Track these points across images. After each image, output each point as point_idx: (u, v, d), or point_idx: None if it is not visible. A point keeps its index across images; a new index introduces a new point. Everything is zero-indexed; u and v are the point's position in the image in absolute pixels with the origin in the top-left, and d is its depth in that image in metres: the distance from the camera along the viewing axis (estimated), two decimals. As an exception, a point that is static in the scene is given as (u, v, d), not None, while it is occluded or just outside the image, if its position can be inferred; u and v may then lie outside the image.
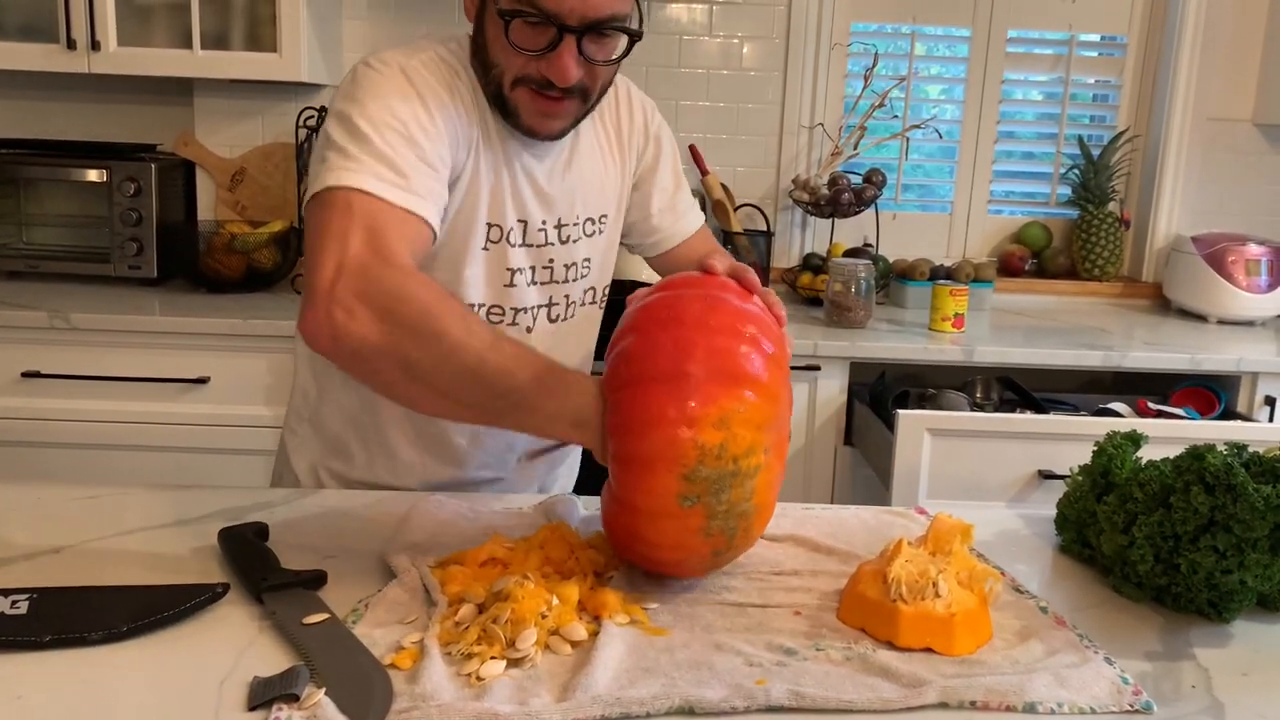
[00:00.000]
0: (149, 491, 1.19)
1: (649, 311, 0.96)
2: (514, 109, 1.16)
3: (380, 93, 1.10)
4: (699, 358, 0.91)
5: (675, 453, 0.88)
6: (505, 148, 1.21)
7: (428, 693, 0.78)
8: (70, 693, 0.79)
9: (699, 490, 0.89)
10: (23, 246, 2.59)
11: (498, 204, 1.21)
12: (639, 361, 0.92)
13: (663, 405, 0.89)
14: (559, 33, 1.09)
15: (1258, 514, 0.92)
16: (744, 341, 0.93)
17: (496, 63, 1.15)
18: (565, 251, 1.29)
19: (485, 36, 1.15)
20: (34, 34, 2.44)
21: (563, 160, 1.27)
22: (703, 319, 0.94)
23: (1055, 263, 2.98)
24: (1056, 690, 0.81)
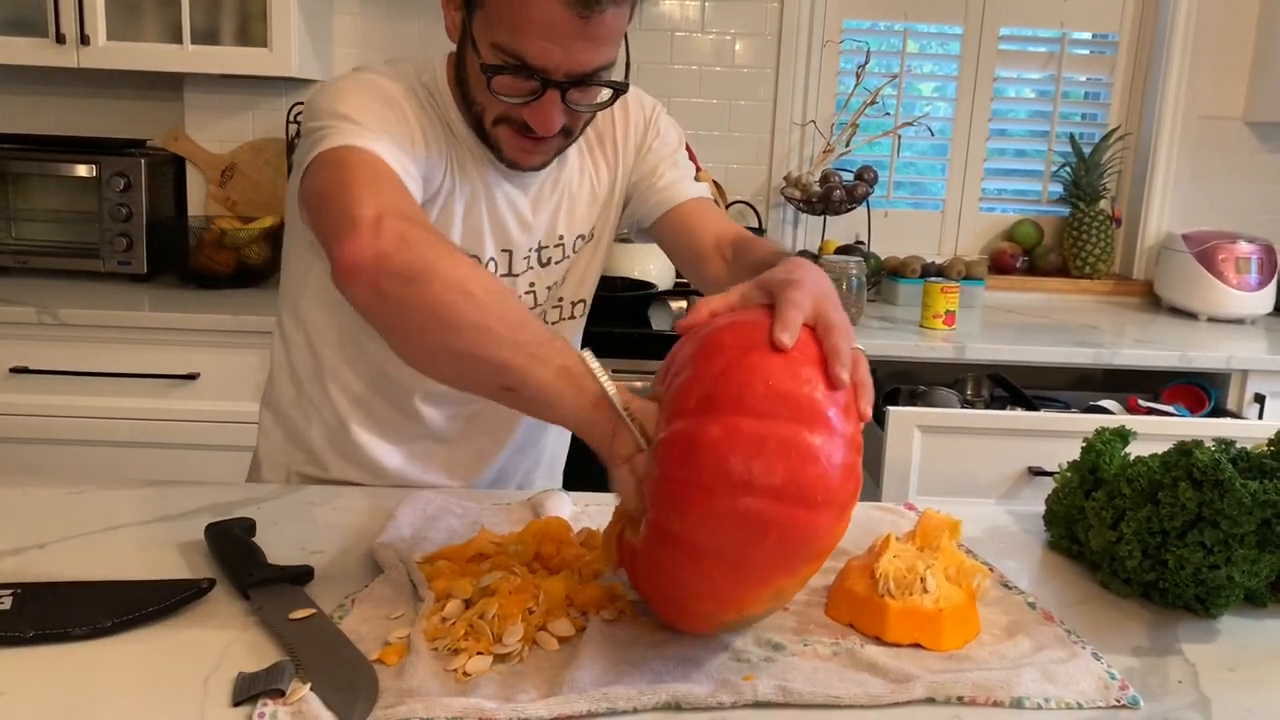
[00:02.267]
0: (136, 487, 1.19)
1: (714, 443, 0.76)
2: (495, 143, 1.14)
3: (361, 98, 1.08)
4: (767, 541, 0.76)
5: (719, 618, 0.82)
6: (485, 177, 1.19)
7: (414, 688, 0.78)
8: (54, 689, 0.78)
9: (733, 628, 0.87)
10: (11, 242, 2.57)
11: (475, 238, 1.19)
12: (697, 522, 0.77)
13: (717, 586, 0.78)
14: (543, 85, 1.06)
15: (1245, 510, 0.92)
16: (820, 506, 0.76)
17: (477, 100, 1.12)
18: (545, 274, 1.27)
19: (466, 73, 1.12)
20: (23, 28, 2.42)
21: (547, 184, 1.24)
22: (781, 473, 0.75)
23: (1046, 260, 2.98)
24: (1044, 685, 0.81)
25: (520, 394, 0.88)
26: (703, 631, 0.87)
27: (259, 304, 2.37)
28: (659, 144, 1.33)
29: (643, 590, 0.88)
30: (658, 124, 1.34)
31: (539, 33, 1.02)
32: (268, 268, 2.57)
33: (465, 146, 1.18)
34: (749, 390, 0.77)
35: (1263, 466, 0.98)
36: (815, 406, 0.77)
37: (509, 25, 1.03)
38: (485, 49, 1.06)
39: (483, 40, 1.06)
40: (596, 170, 1.30)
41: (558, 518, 1.06)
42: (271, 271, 2.60)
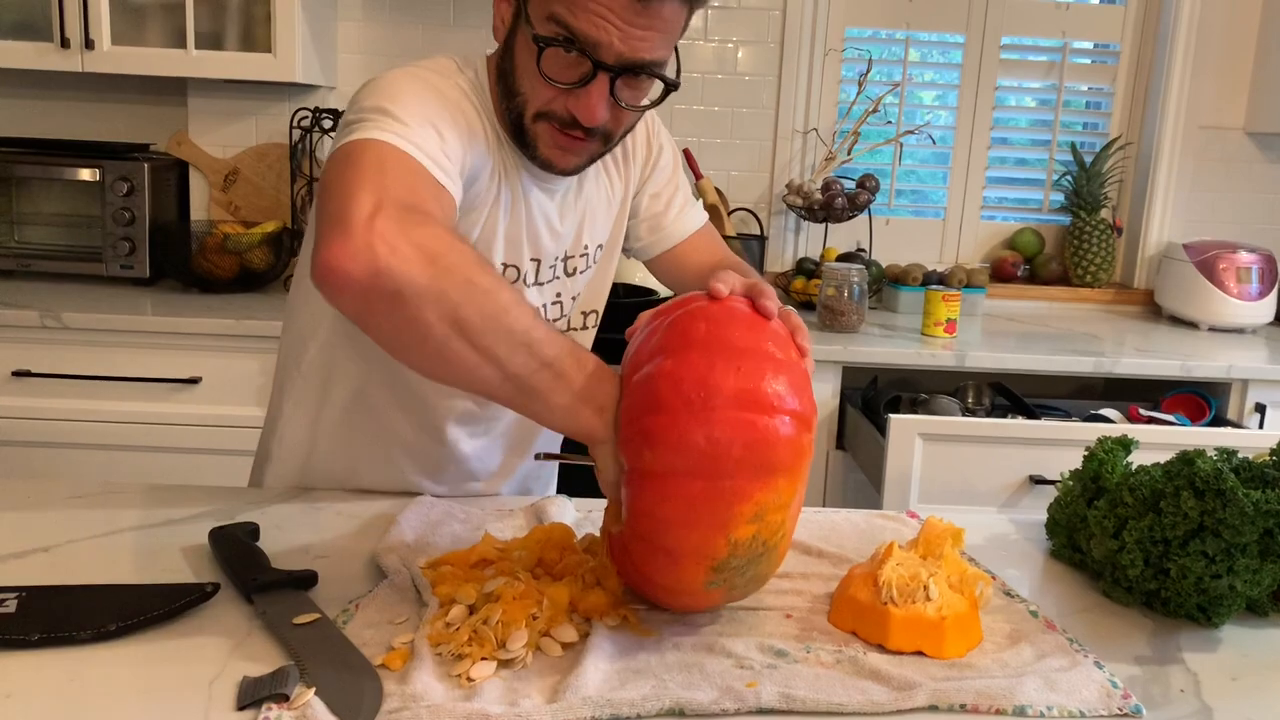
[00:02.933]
0: (139, 491, 1.19)
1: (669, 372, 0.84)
2: (532, 140, 1.11)
3: (405, 90, 1.03)
4: (733, 447, 0.81)
5: (708, 552, 0.83)
6: (519, 183, 1.16)
7: (418, 693, 0.78)
8: (59, 692, 0.78)
9: (726, 575, 0.86)
10: (15, 245, 2.58)
11: (514, 245, 1.18)
12: (665, 447, 0.82)
13: (696, 509, 0.81)
14: (594, 69, 1.03)
15: (1247, 519, 0.92)
16: (775, 411, 0.82)
17: (521, 91, 1.09)
18: (570, 284, 1.27)
19: (513, 61, 1.09)
20: (28, 32, 2.43)
21: (571, 193, 1.23)
22: (733, 383, 0.82)
23: (1047, 269, 2.99)
24: (1046, 694, 0.81)
25: (512, 405, 0.92)
26: (699, 586, 0.85)
27: (261, 308, 2.37)
28: (664, 161, 1.34)
29: (632, 567, 0.89)
30: (659, 137, 1.34)
31: (598, 13, 1.01)
32: (270, 272, 2.57)
33: (507, 149, 1.15)
34: (693, 330, 0.87)
35: (1264, 476, 0.98)
36: (754, 335, 0.87)
37: (567, 2, 1.01)
38: (539, 22, 1.04)
39: (538, 13, 1.04)
40: (610, 179, 1.29)
41: (561, 524, 1.06)
42: (273, 276, 2.60)
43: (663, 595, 0.90)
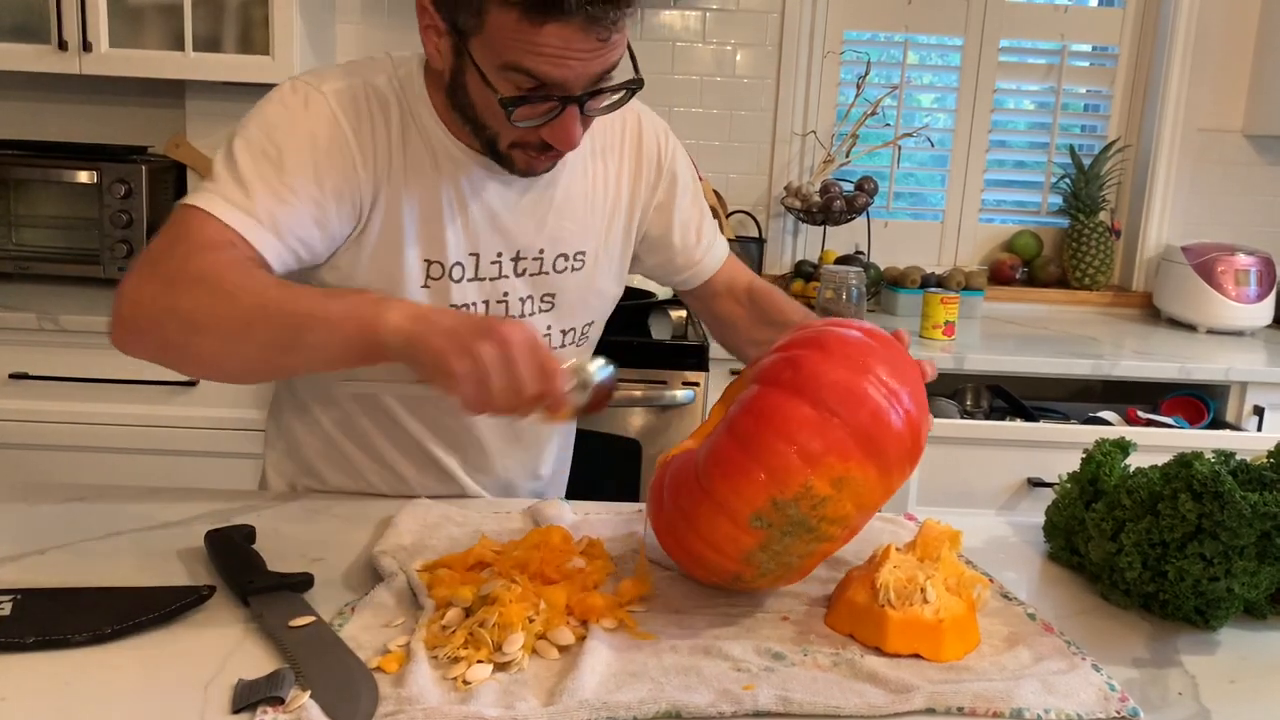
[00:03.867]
0: (135, 493, 1.19)
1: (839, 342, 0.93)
2: (509, 162, 1.12)
3: (272, 117, 1.09)
4: (858, 410, 0.88)
5: (782, 478, 0.86)
6: (461, 178, 1.15)
7: (413, 696, 0.78)
8: (54, 695, 0.78)
9: (774, 521, 0.87)
10: (12, 248, 2.57)
11: (435, 241, 1.15)
12: (806, 374, 0.90)
13: (801, 428, 0.87)
14: (562, 104, 1.03)
15: (1245, 521, 0.92)
16: (900, 419, 0.90)
17: (488, 125, 1.08)
18: (522, 285, 1.21)
19: (469, 98, 1.07)
20: (25, 35, 2.43)
21: (533, 192, 1.19)
22: (884, 376, 0.91)
23: (1046, 271, 2.99)
24: (1044, 696, 0.81)
25: (325, 336, 0.94)
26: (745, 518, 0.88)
27: (259, 311, 2.37)
28: (682, 186, 1.32)
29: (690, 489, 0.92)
30: (672, 160, 1.30)
31: (554, 54, 0.99)
32: (268, 275, 2.57)
33: (440, 147, 1.14)
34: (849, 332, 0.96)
35: (1262, 478, 0.98)
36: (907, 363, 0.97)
37: (518, 50, 0.99)
38: (494, 75, 1.02)
39: (489, 65, 1.02)
40: (595, 185, 1.25)
41: (558, 526, 1.06)
42: (272, 279, 2.59)
43: (691, 529, 0.92)
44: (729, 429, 0.91)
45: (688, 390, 2.28)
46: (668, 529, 0.96)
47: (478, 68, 1.03)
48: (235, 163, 1.06)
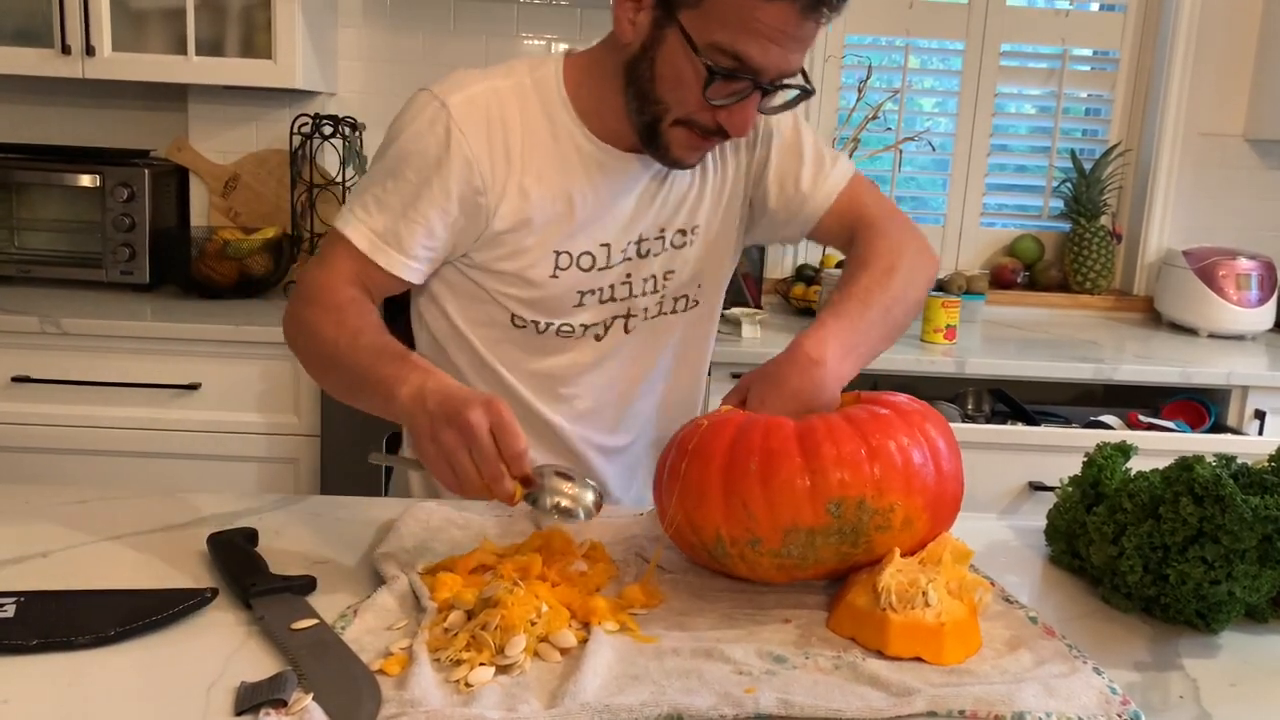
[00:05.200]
0: (138, 496, 1.19)
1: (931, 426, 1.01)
2: (665, 143, 1.17)
3: (403, 137, 1.19)
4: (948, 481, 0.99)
5: (882, 488, 0.93)
6: (594, 170, 1.22)
7: (416, 699, 0.78)
8: (57, 697, 0.78)
9: (844, 516, 0.93)
10: (15, 251, 2.58)
11: (564, 233, 1.23)
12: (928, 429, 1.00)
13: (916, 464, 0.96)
14: (751, 87, 1.10)
15: (1246, 525, 0.92)
16: (946, 476, 0.99)
17: (662, 99, 1.14)
18: (643, 265, 1.28)
19: (654, 71, 1.13)
20: (29, 39, 2.43)
21: (658, 175, 1.26)
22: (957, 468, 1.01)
23: (1047, 275, 2.99)
24: (1045, 700, 0.81)
25: (368, 397, 1.09)
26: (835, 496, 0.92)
27: (261, 315, 2.37)
28: (779, 142, 1.31)
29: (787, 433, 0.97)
30: (769, 124, 1.31)
31: (767, 35, 1.06)
32: (270, 278, 2.57)
33: (571, 143, 1.21)
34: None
35: (1263, 482, 0.98)
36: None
37: (734, 25, 1.06)
38: (704, 48, 1.08)
39: (701, 40, 1.08)
40: (705, 166, 1.29)
41: (560, 530, 1.06)
42: (273, 282, 2.60)
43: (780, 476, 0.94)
44: (850, 416, 0.97)
45: (689, 394, 2.27)
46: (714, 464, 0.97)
47: (689, 40, 1.08)
48: (373, 181, 1.21)
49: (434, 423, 0.97)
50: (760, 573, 0.98)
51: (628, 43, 1.15)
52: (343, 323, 1.14)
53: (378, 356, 1.08)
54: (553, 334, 1.28)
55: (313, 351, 1.18)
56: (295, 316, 1.21)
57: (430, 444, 0.97)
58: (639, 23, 1.13)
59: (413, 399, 1.00)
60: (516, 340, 1.29)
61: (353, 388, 1.12)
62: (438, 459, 0.97)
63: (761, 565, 0.97)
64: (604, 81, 1.20)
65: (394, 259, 1.20)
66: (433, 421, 0.97)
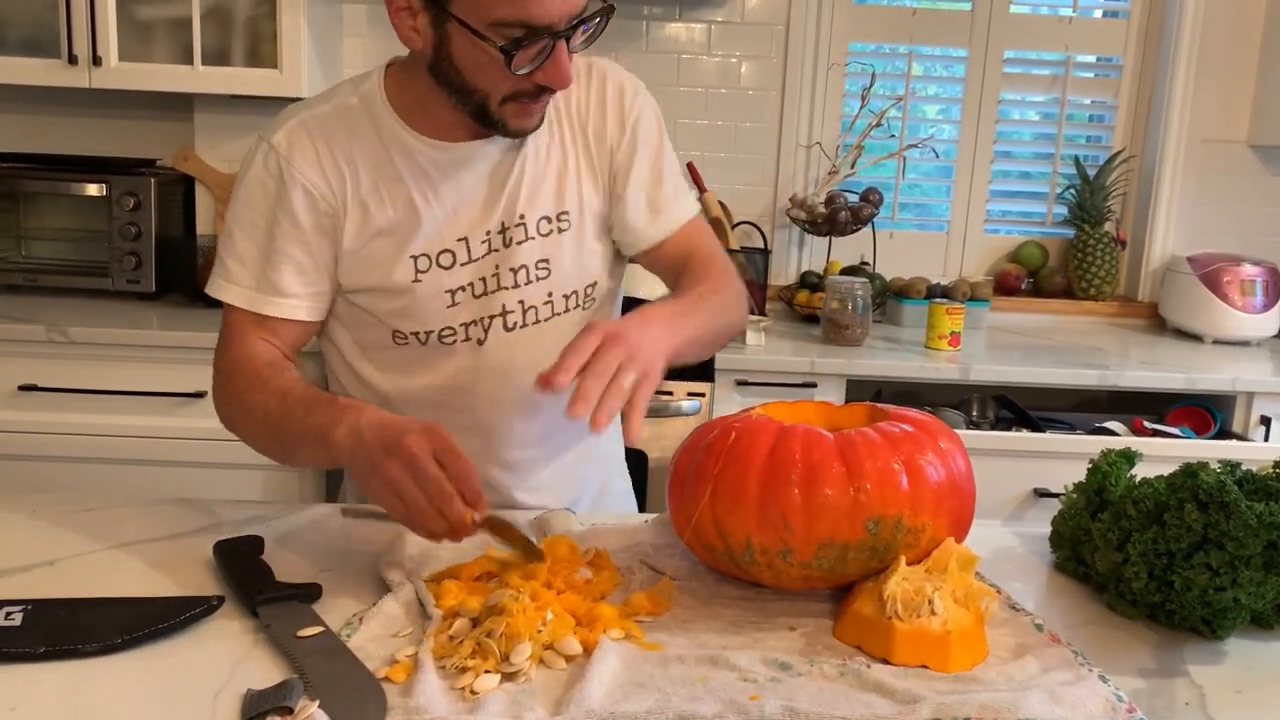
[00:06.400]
0: (145, 504, 1.20)
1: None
2: (499, 120, 1.16)
3: (243, 187, 1.22)
4: (967, 503, 1.01)
5: (918, 507, 0.95)
6: (427, 165, 1.21)
7: (421, 706, 0.78)
8: (64, 705, 0.79)
9: (879, 534, 0.94)
10: (21, 260, 2.59)
11: (417, 236, 1.21)
12: (906, 422, 1.03)
13: (950, 486, 0.98)
14: (552, 40, 1.09)
15: (1251, 531, 0.92)
16: (963, 494, 1.01)
17: (478, 88, 1.14)
18: (511, 255, 1.24)
19: (454, 65, 1.13)
20: (36, 49, 2.45)
21: (505, 159, 1.23)
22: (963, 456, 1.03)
23: (1051, 282, 2.99)
24: (1051, 707, 0.81)
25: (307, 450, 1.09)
26: (875, 514, 0.93)
27: (267, 323, 2.38)
28: (642, 149, 1.29)
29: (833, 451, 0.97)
30: (636, 131, 1.28)
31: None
32: (275, 287, 2.58)
33: (400, 147, 1.21)
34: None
35: (1268, 488, 0.98)
36: None
37: (503, 2, 1.06)
38: (488, 31, 1.08)
39: (480, 24, 1.08)
40: (563, 147, 1.26)
41: (565, 537, 1.06)
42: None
43: (821, 489, 0.94)
44: (885, 433, 0.98)
45: (693, 401, 2.28)
46: (751, 470, 0.96)
47: (469, 28, 1.08)
48: (232, 240, 1.23)
49: (373, 456, 0.96)
50: (784, 582, 0.98)
51: (419, 49, 1.16)
52: (267, 389, 1.15)
53: (308, 409, 1.07)
54: (435, 342, 1.25)
55: (250, 427, 1.17)
56: (223, 400, 1.22)
57: (374, 478, 0.96)
58: (420, 27, 1.14)
59: (348, 437, 1.00)
60: (404, 358, 1.27)
61: (293, 448, 1.12)
62: (384, 492, 0.96)
63: (788, 575, 0.97)
64: (420, 82, 1.19)
65: (276, 303, 1.21)
66: (371, 455, 0.97)
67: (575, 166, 1.27)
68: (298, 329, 1.24)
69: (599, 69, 1.29)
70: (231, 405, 1.20)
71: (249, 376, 1.18)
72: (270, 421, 1.13)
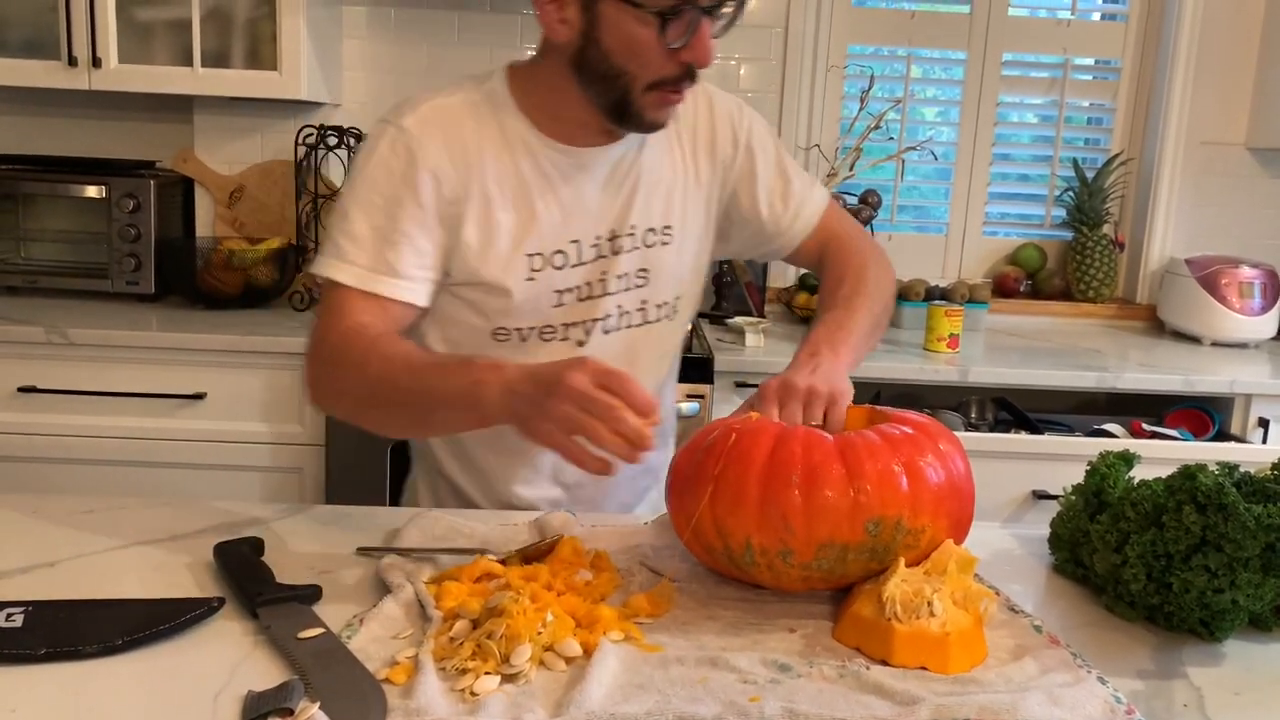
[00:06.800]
0: (145, 506, 1.20)
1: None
2: (638, 111, 1.19)
3: (368, 167, 1.21)
4: (967, 503, 1.02)
5: (918, 508, 0.95)
6: (547, 166, 1.24)
7: (421, 707, 0.78)
8: (64, 706, 0.79)
9: (880, 535, 0.94)
10: (21, 262, 2.59)
11: (534, 234, 1.24)
12: (903, 427, 1.03)
13: (950, 487, 0.98)
14: (698, 16, 1.12)
15: (1249, 533, 0.92)
16: (962, 493, 1.01)
17: (625, 71, 1.16)
18: (616, 263, 1.29)
19: (602, 50, 1.16)
20: (35, 50, 2.45)
21: (621, 167, 1.28)
22: (961, 456, 1.03)
23: (1050, 284, 2.99)
24: (1050, 709, 0.81)
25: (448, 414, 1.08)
26: (875, 516, 0.94)
27: (266, 324, 2.38)
28: (763, 159, 1.37)
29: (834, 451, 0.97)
30: (750, 141, 1.36)
31: None
32: (275, 288, 2.58)
33: (524, 147, 1.24)
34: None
35: (1266, 490, 0.98)
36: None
37: None
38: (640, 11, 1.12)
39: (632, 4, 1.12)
40: (681, 159, 1.33)
41: (570, 538, 1.06)
42: (278, 292, 2.61)
43: (821, 490, 0.94)
44: (885, 435, 0.99)
45: (692, 403, 2.28)
46: (752, 470, 0.97)
47: (635, 3, 1.12)
48: (349, 220, 1.20)
49: (537, 404, 0.96)
50: (784, 582, 0.99)
51: (565, 41, 1.17)
52: (386, 357, 1.12)
53: (443, 374, 1.07)
54: (536, 339, 1.28)
55: (364, 402, 1.14)
56: (327, 381, 1.18)
57: (544, 423, 0.96)
58: (569, 17, 1.16)
59: (502, 395, 1.00)
60: (497, 354, 1.28)
61: (425, 414, 1.10)
62: (556, 433, 0.95)
63: (788, 576, 0.97)
64: (549, 84, 1.22)
65: (391, 284, 1.20)
66: (534, 404, 0.97)
67: (684, 183, 1.33)
68: (405, 313, 1.22)
69: (705, 91, 1.34)
70: (341, 386, 1.16)
71: (363, 348, 1.14)
72: (399, 390, 1.10)
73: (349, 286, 1.19)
